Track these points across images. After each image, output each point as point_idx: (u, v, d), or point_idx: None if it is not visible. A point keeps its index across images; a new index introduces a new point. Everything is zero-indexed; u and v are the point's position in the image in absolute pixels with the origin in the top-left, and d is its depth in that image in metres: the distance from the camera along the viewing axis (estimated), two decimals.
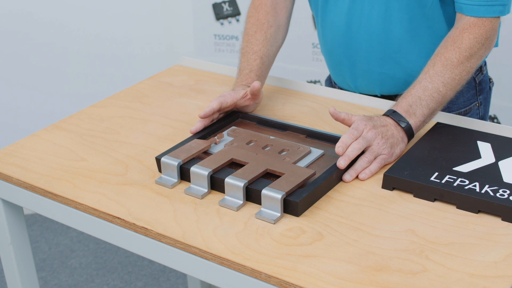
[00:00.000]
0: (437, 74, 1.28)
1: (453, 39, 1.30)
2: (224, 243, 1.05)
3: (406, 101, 1.27)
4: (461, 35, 1.30)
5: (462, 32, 1.30)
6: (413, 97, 1.26)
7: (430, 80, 1.27)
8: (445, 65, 1.28)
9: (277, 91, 1.55)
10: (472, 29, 1.30)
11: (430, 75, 1.28)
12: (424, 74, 1.29)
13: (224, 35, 2.73)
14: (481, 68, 1.54)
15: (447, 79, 1.28)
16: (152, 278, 2.48)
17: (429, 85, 1.27)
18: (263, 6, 1.50)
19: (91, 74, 2.75)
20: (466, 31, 1.30)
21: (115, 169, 1.27)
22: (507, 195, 1.08)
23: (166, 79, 1.64)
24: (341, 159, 1.17)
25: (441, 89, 1.27)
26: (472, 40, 1.29)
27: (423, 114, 1.26)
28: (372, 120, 1.23)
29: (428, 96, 1.26)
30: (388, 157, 1.22)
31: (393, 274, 0.97)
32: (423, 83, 1.28)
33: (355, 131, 1.20)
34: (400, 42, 1.43)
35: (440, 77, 1.27)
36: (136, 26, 2.72)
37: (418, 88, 1.27)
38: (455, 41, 1.30)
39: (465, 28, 1.30)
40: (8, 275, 1.40)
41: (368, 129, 1.21)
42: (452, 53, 1.28)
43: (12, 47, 2.67)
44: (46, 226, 2.79)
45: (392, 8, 1.40)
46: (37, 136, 1.40)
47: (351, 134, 1.20)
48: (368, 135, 1.21)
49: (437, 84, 1.27)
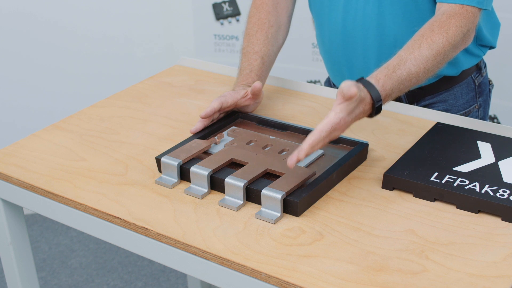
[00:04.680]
0: (421, 56, 1.22)
1: (440, 23, 1.26)
2: (224, 243, 1.05)
3: (391, 82, 1.19)
4: (449, 20, 1.26)
5: (449, 18, 1.26)
6: (397, 81, 1.19)
7: (415, 63, 1.22)
8: (431, 48, 1.23)
9: (277, 91, 1.55)
10: (458, 17, 1.26)
11: (415, 56, 1.22)
12: (409, 54, 1.23)
13: (224, 35, 2.73)
14: (480, 70, 1.53)
15: (429, 66, 1.23)
16: (152, 278, 2.48)
17: (413, 68, 1.22)
18: (264, 6, 1.50)
19: (91, 74, 2.75)
20: (453, 18, 1.26)
21: (115, 169, 1.27)
22: (507, 195, 1.08)
23: (166, 79, 1.64)
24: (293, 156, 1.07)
25: (420, 75, 1.23)
26: (458, 28, 1.26)
27: (393, 97, 1.20)
28: (353, 112, 1.13)
29: (408, 81, 1.21)
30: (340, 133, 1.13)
31: (393, 274, 0.97)
32: (407, 64, 1.21)
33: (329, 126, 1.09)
34: (395, 38, 1.43)
35: (424, 60, 1.22)
36: (136, 26, 2.72)
37: (403, 70, 1.21)
38: (442, 25, 1.26)
39: (451, 14, 1.27)
40: (8, 275, 1.40)
41: (344, 120, 1.12)
42: (439, 37, 1.24)
43: (12, 46, 2.67)
44: (46, 226, 2.79)
45: (385, 3, 1.39)
46: (37, 136, 1.40)
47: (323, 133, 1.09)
48: (341, 124, 1.11)
49: (420, 69, 1.22)
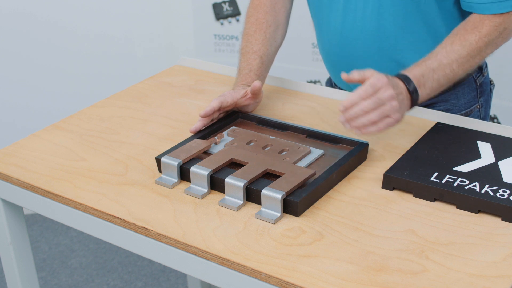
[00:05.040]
0: (453, 51, 1.26)
1: (473, 23, 1.29)
2: (224, 243, 1.05)
3: (420, 70, 1.23)
4: (482, 21, 1.29)
5: (483, 19, 1.29)
6: (428, 68, 1.23)
7: (446, 55, 1.25)
8: (463, 45, 1.26)
9: (277, 91, 1.55)
10: (492, 18, 1.29)
11: (447, 50, 1.26)
12: (441, 49, 1.26)
13: (224, 35, 2.73)
14: (482, 69, 1.53)
15: (463, 59, 1.26)
16: (152, 278, 2.48)
17: (444, 60, 1.25)
18: (262, 6, 1.50)
19: (91, 74, 2.75)
20: (487, 19, 1.29)
21: (115, 169, 1.27)
22: (507, 195, 1.08)
23: (166, 79, 1.64)
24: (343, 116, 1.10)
25: (454, 67, 1.25)
26: (492, 27, 1.28)
27: (431, 87, 1.23)
28: (389, 78, 1.16)
29: (441, 71, 1.24)
30: (394, 122, 1.16)
31: (393, 274, 0.97)
32: (438, 56, 1.25)
33: (370, 88, 1.12)
34: (395, 39, 1.43)
35: (456, 55, 1.25)
36: (136, 26, 2.72)
37: (434, 61, 1.24)
38: (476, 26, 1.28)
39: (485, 17, 1.29)
40: (8, 275, 1.40)
41: (385, 88, 1.13)
42: (472, 35, 1.27)
43: (12, 46, 2.67)
44: (46, 226, 2.79)
45: (385, 4, 1.39)
46: (37, 136, 1.40)
47: (364, 91, 1.11)
48: (384, 95, 1.13)
49: (452, 61, 1.25)
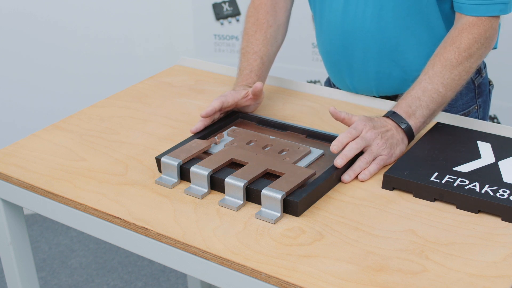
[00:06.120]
0: (436, 75, 1.27)
1: (452, 39, 1.30)
2: (224, 243, 1.05)
3: (406, 102, 1.26)
4: (460, 35, 1.30)
5: (461, 32, 1.30)
6: (413, 98, 1.26)
7: (430, 81, 1.27)
8: (444, 65, 1.28)
9: (277, 91, 1.54)
10: (471, 29, 1.29)
11: (429, 75, 1.28)
12: (423, 75, 1.29)
13: (224, 35, 2.73)
14: (480, 70, 1.53)
15: (447, 80, 1.27)
16: (152, 278, 2.48)
17: (429, 86, 1.27)
18: (262, 6, 1.50)
19: (91, 74, 2.75)
20: (465, 31, 1.30)
21: (115, 169, 1.27)
22: (507, 195, 1.08)
23: (166, 79, 1.64)
24: (338, 158, 1.17)
25: (440, 90, 1.27)
26: (471, 40, 1.29)
27: (422, 115, 1.26)
28: (372, 121, 1.23)
29: (428, 97, 1.26)
30: (387, 158, 1.22)
31: (393, 274, 0.97)
32: (422, 84, 1.27)
33: (354, 131, 1.20)
34: (396, 41, 1.43)
35: (440, 77, 1.27)
36: (136, 26, 2.72)
37: (418, 89, 1.27)
38: (454, 41, 1.29)
39: (464, 28, 1.30)
40: (8, 275, 1.40)
41: (367, 129, 1.21)
42: (451, 53, 1.28)
43: (12, 46, 2.67)
44: (46, 226, 2.79)
45: (386, 6, 1.39)
46: (37, 136, 1.40)
47: (349, 133, 1.20)
48: (367, 135, 1.20)
49: (437, 85, 1.27)
